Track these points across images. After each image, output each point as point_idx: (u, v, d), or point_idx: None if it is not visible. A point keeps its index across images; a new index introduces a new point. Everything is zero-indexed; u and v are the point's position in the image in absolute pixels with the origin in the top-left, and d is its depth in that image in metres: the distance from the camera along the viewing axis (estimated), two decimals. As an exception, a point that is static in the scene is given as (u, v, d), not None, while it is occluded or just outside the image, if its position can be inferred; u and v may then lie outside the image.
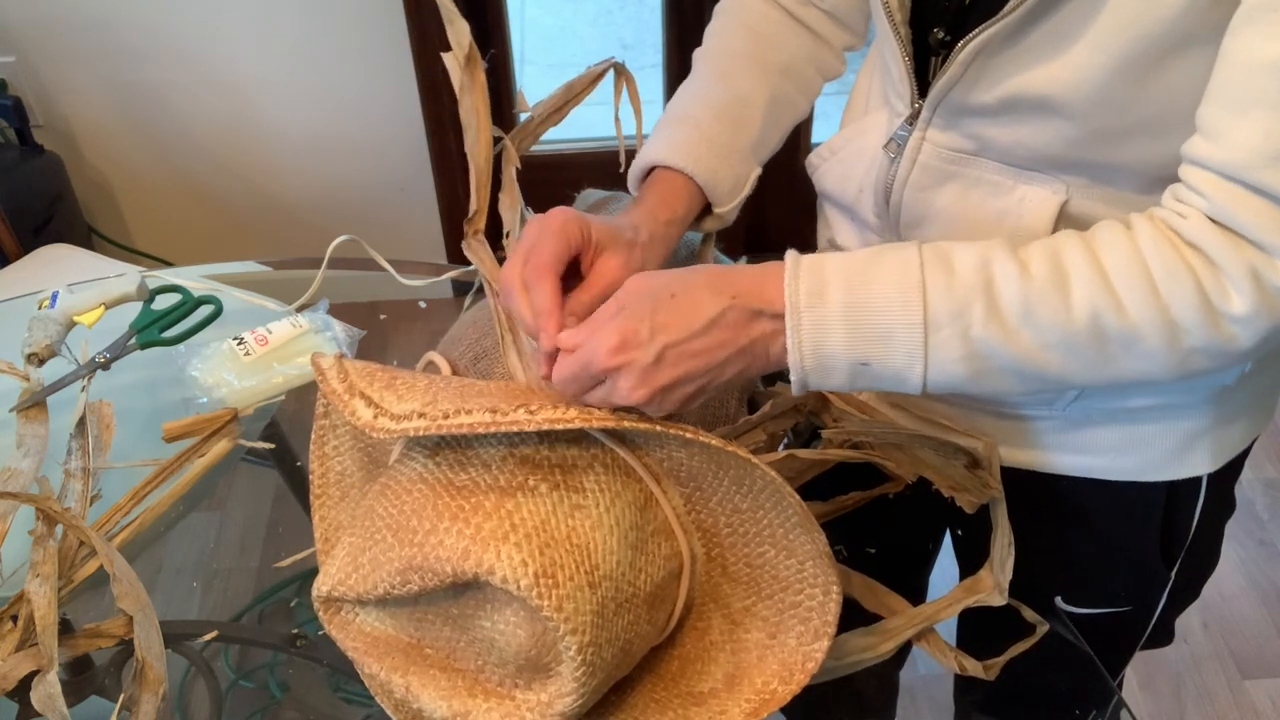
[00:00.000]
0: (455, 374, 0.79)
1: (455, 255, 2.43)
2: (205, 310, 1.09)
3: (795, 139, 0.93)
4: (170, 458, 0.94)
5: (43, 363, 0.99)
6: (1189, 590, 0.93)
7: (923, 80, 0.70)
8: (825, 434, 0.77)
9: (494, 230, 0.79)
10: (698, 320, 0.60)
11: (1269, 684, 1.69)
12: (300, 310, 1.15)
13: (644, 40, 3.54)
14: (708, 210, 0.79)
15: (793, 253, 0.63)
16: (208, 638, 0.86)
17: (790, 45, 0.83)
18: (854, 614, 0.75)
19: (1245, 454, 0.84)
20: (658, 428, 0.61)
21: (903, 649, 0.77)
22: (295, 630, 0.88)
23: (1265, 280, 0.55)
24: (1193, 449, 0.79)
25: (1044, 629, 0.77)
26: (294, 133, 2.23)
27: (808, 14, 0.84)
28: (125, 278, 1.10)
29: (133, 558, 0.85)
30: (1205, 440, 0.79)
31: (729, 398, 0.85)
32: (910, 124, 0.71)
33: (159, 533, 0.93)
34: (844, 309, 0.60)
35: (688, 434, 0.61)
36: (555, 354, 0.63)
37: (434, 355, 0.82)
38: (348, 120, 2.22)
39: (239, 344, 1.06)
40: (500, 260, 0.73)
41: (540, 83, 3.27)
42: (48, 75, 2.11)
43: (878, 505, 0.83)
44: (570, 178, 1.03)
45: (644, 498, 0.66)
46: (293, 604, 0.93)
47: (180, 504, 0.93)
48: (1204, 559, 0.92)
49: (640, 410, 0.63)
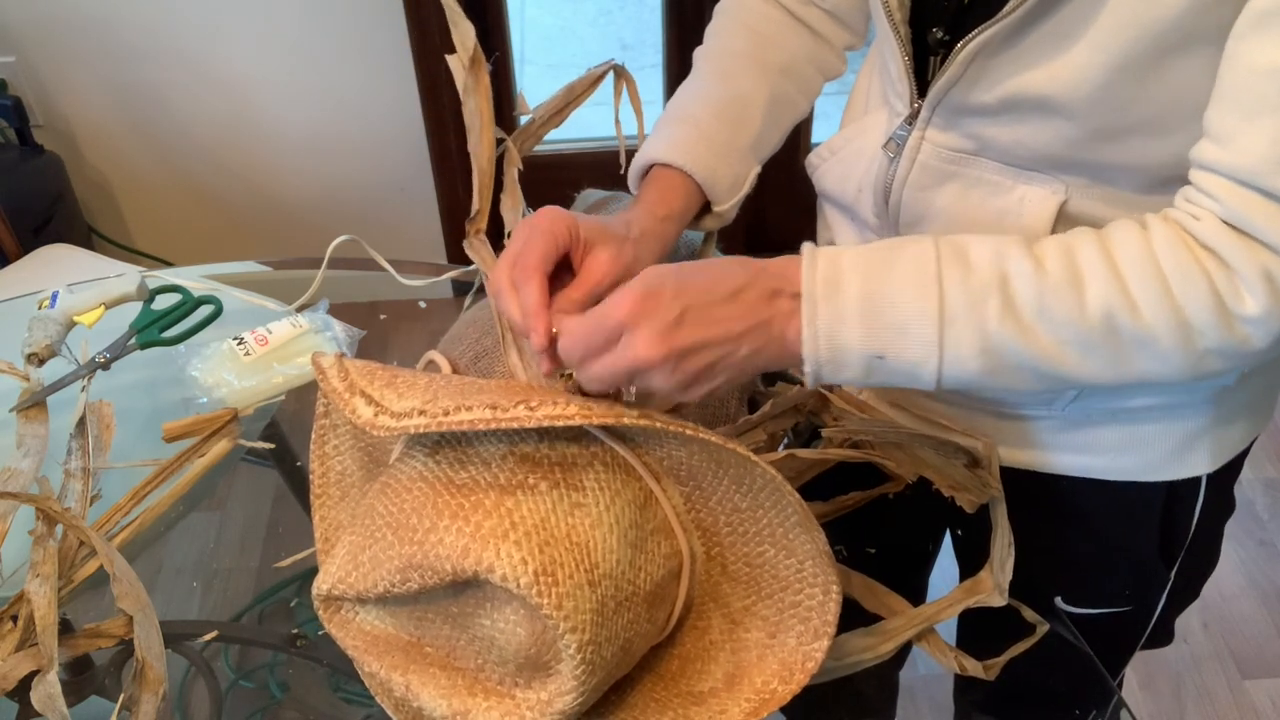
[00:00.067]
0: (456, 373, 0.79)
1: (455, 255, 2.43)
2: (205, 310, 1.09)
3: (795, 139, 0.93)
4: (170, 458, 0.94)
5: (43, 363, 0.99)
6: (1189, 590, 0.93)
7: (922, 80, 0.70)
8: (825, 433, 0.77)
9: (495, 231, 0.79)
10: (721, 288, 0.60)
11: (1269, 684, 1.69)
12: (300, 310, 1.14)
13: (644, 40, 3.54)
14: (707, 209, 0.79)
15: (809, 244, 0.63)
16: (208, 638, 0.86)
17: (790, 45, 0.83)
18: (854, 614, 0.75)
19: (1245, 454, 0.84)
20: (658, 424, 0.61)
21: (903, 649, 0.77)
22: (295, 630, 0.88)
23: (1279, 282, 0.55)
24: (1192, 449, 0.79)
25: (1044, 629, 0.77)
26: (294, 133, 2.23)
27: (808, 13, 0.84)
28: (125, 278, 1.10)
29: (133, 558, 0.85)
30: (1205, 440, 0.79)
31: (729, 398, 0.85)
32: (910, 124, 0.72)
33: (159, 533, 0.93)
34: (860, 300, 0.60)
35: (687, 431, 0.61)
36: (551, 351, 0.63)
37: (434, 354, 0.82)
38: (348, 120, 2.22)
39: (239, 344, 1.06)
40: (501, 260, 0.74)
41: (540, 83, 3.27)
42: (48, 75, 2.11)
43: (878, 505, 0.83)
44: (571, 178, 1.03)
45: (644, 496, 0.66)
46: (293, 604, 0.93)
47: (180, 504, 0.93)
48: (1204, 559, 0.92)
49: (645, 394, 0.62)
